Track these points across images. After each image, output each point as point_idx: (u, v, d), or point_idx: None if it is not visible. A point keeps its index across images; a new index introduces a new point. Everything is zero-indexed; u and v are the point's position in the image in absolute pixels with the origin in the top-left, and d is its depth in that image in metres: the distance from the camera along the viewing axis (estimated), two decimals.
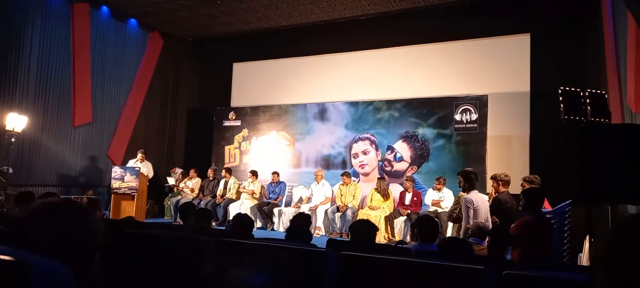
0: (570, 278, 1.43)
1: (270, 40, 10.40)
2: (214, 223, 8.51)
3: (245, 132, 10.14)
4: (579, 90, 4.19)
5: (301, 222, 2.70)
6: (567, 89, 4.22)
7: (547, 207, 4.66)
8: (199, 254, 1.74)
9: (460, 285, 1.44)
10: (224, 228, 5.39)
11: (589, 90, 4.21)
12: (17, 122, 7.72)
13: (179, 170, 9.73)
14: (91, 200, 4.90)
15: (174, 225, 5.02)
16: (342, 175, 8.26)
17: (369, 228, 2.92)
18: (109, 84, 9.77)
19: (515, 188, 5.93)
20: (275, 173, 8.88)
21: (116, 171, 8.21)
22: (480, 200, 4.40)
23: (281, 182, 8.88)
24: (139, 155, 8.94)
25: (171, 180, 9.61)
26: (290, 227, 2.63)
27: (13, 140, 7.69)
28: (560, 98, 4.14)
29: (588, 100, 4.13)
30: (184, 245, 1.81)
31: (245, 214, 3.41)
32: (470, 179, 4.44)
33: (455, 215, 4.87)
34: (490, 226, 4.26)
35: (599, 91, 4.26)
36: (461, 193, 4.95)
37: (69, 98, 9.05)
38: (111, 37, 9.77)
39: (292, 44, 10.20)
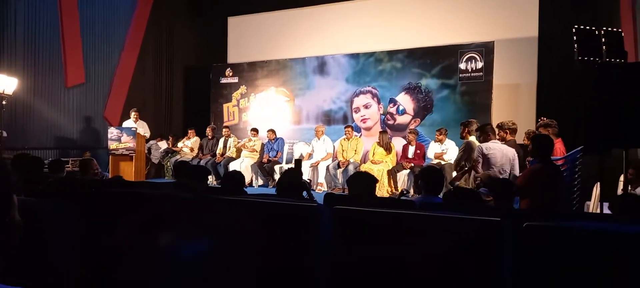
0: (599, 228, 1.25)
1: None
2: (214, 182, 8.42)
3: (243, 88, 9.88)
4: (594, 28, 3.90)
5: (290, 177, 2.50)
6: (582, 27, 3.93)
7: (562, 151, 4.46)
8: (180, 211, 1.55)
9: (472, 240, 1.26)
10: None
11: (604, 28, 3.92)
12: (6, 84, 7.47)
13: (161, 144, 9.52)
14: (83, 161, 4.74)
15: (158, 183, 4.88)
16: (346, 127, 8.07)
17: (367, 180, 2.73)
18: (101, 42, 9.43)
19: (521, 137, 5.73)
20: (271, 130, 8.68)
21: (112, 132, 8.03)
22: (498, 150, 4.19)
23: (278, 138, 8.70)
24: (133, 115, 8.70)
25: (163, 145, 9.46)
26: (280, 182, 2.44)
27: (4, 102, 7.47)
28: (575, 38, 3.86)
29: (603, 40, 3.85)
30: (165, 202, 1.63)
31: (236, 171, 3.23)
32: (485, 131, 4.25)
33: (462, 163, 4.67)
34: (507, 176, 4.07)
35: (614, 29, 3.97)
36: (471, 139, 4.73)
37: (60, 59, 8.75)
38: None
39: None
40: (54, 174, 4.23)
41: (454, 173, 5.83)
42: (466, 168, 4.57)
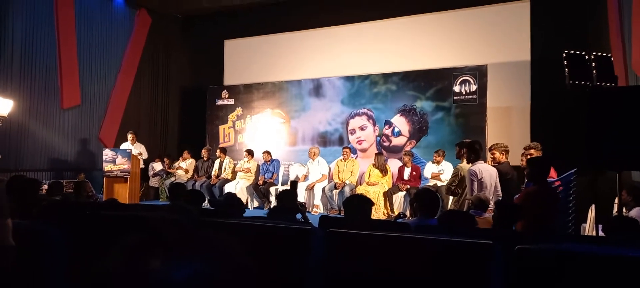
0: (590, 251, 1.26)
1: (262, 15, 10.08)
2: (207, 204, 8.36)
3: (239, 110, 9.91)
4: (584, 53, 3.98)
5: (285, 199, 2.51)
6: (572, 52, 4.01)
7: (553, 175, 4.48)
8: (174, 236, 1.55)
9: (465, 262, 1.27)
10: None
11: (594, 53, 3.99)
12: (2, 105, 7.47)
13: (156, 166, 9.51)
14: (77, 183, 4.73)
15: (153, 206, 4.86)
16: (343, 148, 8.11)
17: (363, 203, 2.74)
18: (97, 65, 9.49)
19: (514, 160, 5.77)
20: (267, 152, 8.68)
21: (107, 154, 8.01)
22: (486, 171, 4.21)
23: (274, 160, 8.70)
24: (130, 137, 8.73)
25: (158, 166, 9.43)
26: (273, 207, 2.44)
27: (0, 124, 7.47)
28: (565, 62, 3.93)
29: (594, 64, 3.93)
30: (157, 225, 1.63)
31: (232, 193, 3.23)
32: (475, 149, 4.24)
33: (453, 188, 4.68)
34: (498, 197, 4.07)
35: (604, 54, 4.04)
36: (461, 165, 4.75)
37: (56, 80, 8.78)
38: (97, 16, 9.45)
39: (285, 18, 9.89)
40: (52, 196, 4.22)
41: (450, 197, 5.82)
42: (460, 194, 4.57)
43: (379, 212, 7.17)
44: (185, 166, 9.30)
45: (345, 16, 9.37)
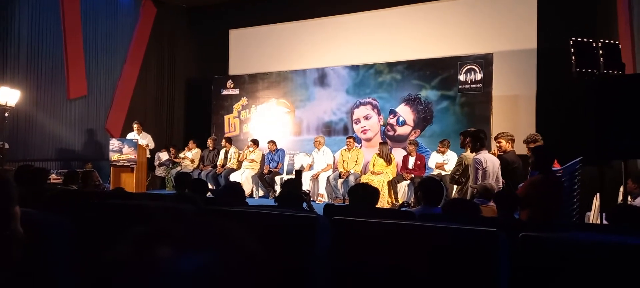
0: (594, 239, 1.26)
1: (267, 5, 10.05)
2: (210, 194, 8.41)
3: (244, 100, 9.92)
4: (591, 41, 3.94)
5: (290, 188, 2.52)
6: (579, 39, 3.97)
7: (555, 166, 4.46)
8: (179, 224, 1.56)
9: (469, 250, 1.28)
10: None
11: (601, 40, 3.95)
12: (9, 96, 7.52)
13: (162, 156, 9.52)
14: (84, 172, 4.77)
15: (159, 195, 4.89)
16: (348, 138, 8.11)
17: (368, 191, 2.75)
18: (103, 55, 9.52)
19: (520, 149, 5.74)
20: (272, 141, 8.70)
21: (114, 143, 8.08)
22: (490, 161, 4.20)
23: (279, 149, 8.72)
24: (136, 127, 8.77)
25: (164, 156, 9.46)
26: (280, 193, 2.46)
27: (7, 114, 7.53)
28: (572, 49, 3.89)
29: (601, 52, 3.88)
30: (163, 214, 1.65)
31: (236, 182, 3.25)
32: (480, 138, 4.23)
33: (457, 177, 4.67)
34: (498, 188, 4.08)
35: (612, 41, 4.00)
36: (465, 153, 4.74)
37: (63, 71, 8.83)
38: (102, 6, 9.46)
39: (290, 7, 9.85)
40: (68, 185, 4.25)
41: (454, 186, 5.82)
42: (464, 183, 4.58)
43: (383, 201, 7.18)
44: (191, 156, 9.35)
45: (350, 5, 9.31)
